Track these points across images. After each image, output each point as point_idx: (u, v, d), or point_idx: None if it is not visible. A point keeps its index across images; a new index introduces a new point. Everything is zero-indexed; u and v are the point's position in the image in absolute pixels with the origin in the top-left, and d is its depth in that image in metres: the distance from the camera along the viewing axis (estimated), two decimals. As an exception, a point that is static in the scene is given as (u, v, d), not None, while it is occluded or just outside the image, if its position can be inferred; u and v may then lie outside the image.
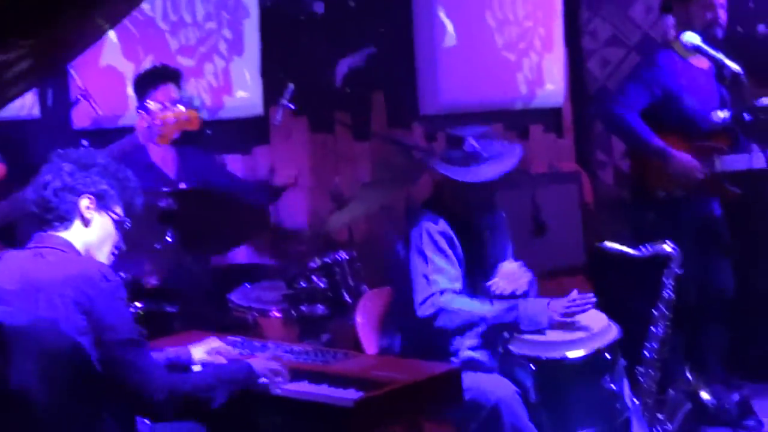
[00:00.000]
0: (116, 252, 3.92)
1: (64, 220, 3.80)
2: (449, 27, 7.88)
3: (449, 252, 4.62)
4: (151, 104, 5.68)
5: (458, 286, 4.59)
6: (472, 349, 4.70)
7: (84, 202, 3.81)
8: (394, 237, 4.99)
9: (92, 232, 3.84)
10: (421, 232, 4.65)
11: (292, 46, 7.29)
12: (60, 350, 3.52)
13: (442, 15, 7.85)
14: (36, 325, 3.54)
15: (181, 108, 5.40)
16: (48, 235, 3.80)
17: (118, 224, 3.90)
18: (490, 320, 4.54)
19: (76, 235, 3.82)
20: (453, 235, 4.67)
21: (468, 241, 4.77)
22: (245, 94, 7.06)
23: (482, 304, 4.57)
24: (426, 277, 4.54)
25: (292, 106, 6.29)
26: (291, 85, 6.24)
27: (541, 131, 8.33)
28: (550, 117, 8.43)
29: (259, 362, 4.02)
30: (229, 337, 4.51)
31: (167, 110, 5.42)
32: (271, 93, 6.89)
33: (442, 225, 4.67)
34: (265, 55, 7.14)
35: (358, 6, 7.55)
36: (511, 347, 4.54)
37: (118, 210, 3.88)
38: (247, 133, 7.18)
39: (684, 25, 6.02)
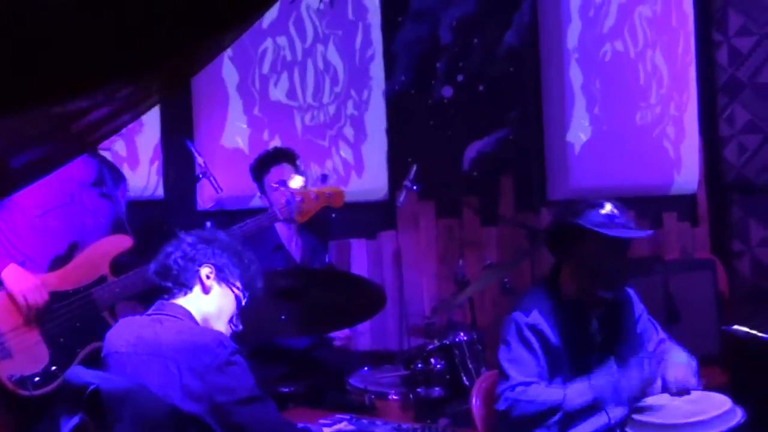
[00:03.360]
0: (234, 328, 3.89)
1: (184, 287, 3.80)
2: (580, 113, 7.79)
3: (534, 345, 4.46)
4: (294, 180, 5.68)
5: (535, 379, 4.43)
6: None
7: (205, 271, 3.81)
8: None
9: (211, 302, 3.82)
10: (510, 320, 4.52)
11: (420, 131, 7.28)
12: (159, 416, 3.49)
13: (572, 100, 7.76)
14: (136, 391, 3.52)
15: (325, 185, 5.40)
16: (168, 303, 3.80)
17: (237, 299, 3.87)
18: (567, 406, 4.36)
19: (195, 303, 3.80)
20: (547, 328, 4.49)
21: (579, 326, 4.59)
22: (371, 178, 7.04)
23: (555, 390, 4.41)
24: (503, 367, 4.43)
25: (415, 187, 6.25)
26: (414, 166, 6.21)
27: (675, 219, 8.13)
28: (684, 204, 8.24)
29: None
30: (337, 415, 4.44)
31: (310, 186, 5.42)
32: (397, 177, 6.86)
33: (534, 317, 4.49)
34: (391, 139, 7.13)
35: (487, 90, 7.51)
36: (628, 430, 4.36)
37: (239, 284, 3.86)
38: (373, 217, 7.15)
39: None
